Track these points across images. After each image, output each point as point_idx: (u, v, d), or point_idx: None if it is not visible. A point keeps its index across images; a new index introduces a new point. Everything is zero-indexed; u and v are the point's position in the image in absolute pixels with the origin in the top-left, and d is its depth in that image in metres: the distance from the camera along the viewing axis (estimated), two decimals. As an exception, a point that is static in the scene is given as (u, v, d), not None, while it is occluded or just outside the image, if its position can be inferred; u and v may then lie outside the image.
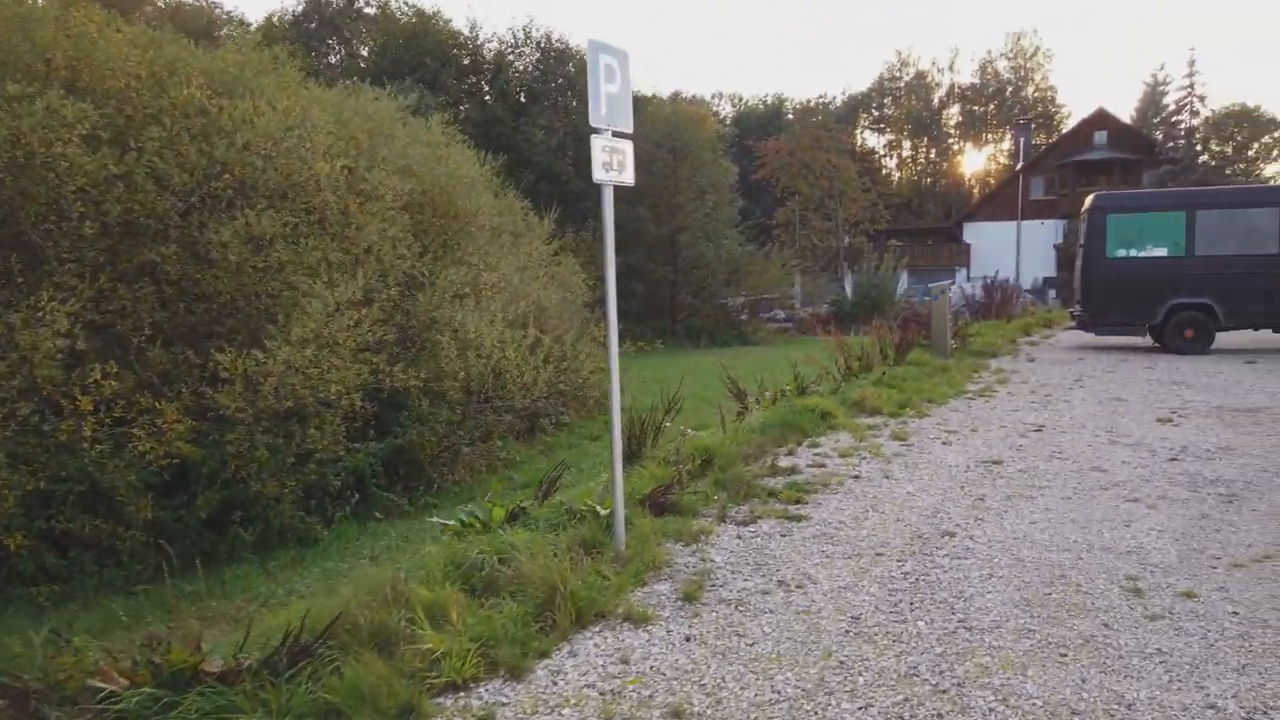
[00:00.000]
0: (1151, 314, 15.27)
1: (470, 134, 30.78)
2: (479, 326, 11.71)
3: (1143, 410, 9.58)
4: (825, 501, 6.19)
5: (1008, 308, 23.09)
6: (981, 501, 6.09)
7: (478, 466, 12.29)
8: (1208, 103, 42.93)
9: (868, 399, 9.96)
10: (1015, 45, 59.62)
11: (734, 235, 32.88)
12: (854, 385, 11.27)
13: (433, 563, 4.78)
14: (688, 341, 31.06)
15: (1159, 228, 15.24)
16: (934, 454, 7.61)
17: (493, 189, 20.90)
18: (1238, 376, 12.07)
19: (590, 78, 4.74)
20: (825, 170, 38.06)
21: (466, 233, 15.42)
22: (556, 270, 19.11)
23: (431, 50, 31.46)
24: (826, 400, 9.84)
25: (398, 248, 12.78)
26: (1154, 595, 4.37)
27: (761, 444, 7.94)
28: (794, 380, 10.84)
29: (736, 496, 6.25)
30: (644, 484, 6.32)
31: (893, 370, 12.28)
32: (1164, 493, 6.19)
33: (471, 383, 11.84)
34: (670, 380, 21.92)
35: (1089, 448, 7.73)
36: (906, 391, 10.78)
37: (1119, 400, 10.30)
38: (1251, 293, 14.74)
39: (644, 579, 4.73)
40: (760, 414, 9.16)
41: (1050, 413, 9.59)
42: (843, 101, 58.54)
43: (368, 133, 14.37)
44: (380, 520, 10.27)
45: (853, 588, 4.57)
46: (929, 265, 43.41)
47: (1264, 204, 14.90)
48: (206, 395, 9.24)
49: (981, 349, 15.83)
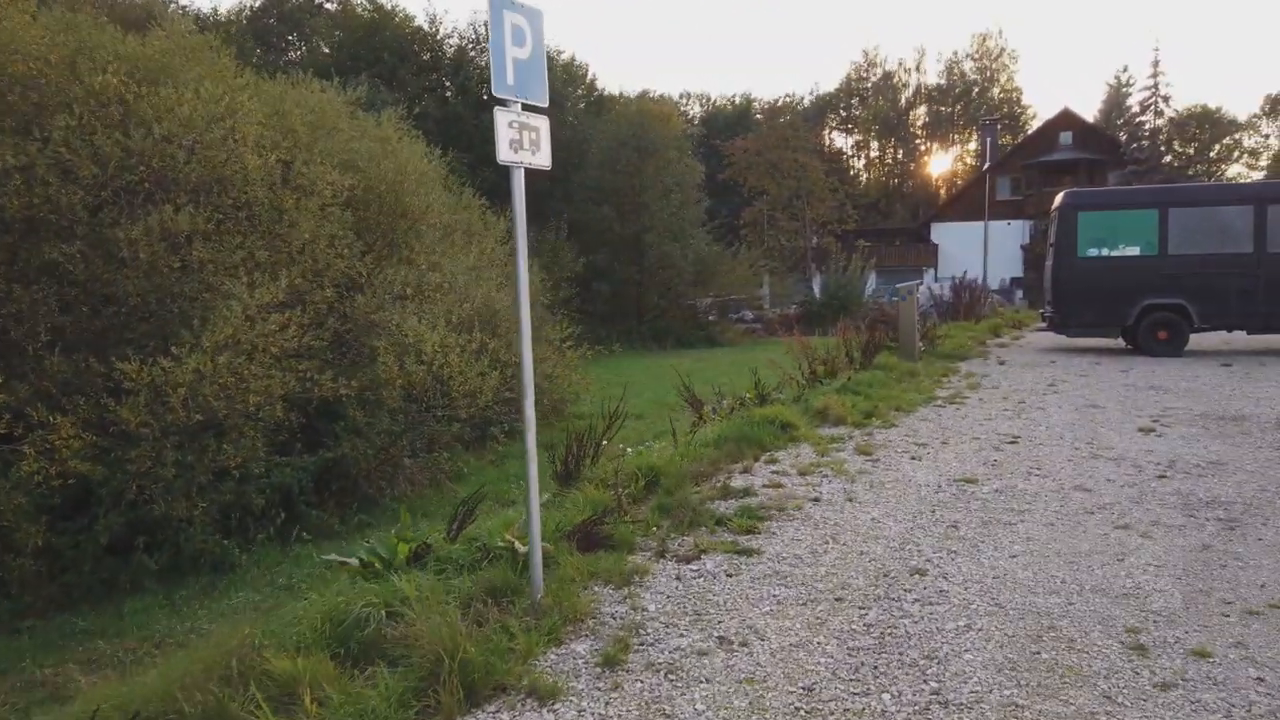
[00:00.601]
0: (1124, 315, 14.72)
1: (430, 131, 29.91)
2: (419, 330, 10.87)
3: (1122, 419, 8.94)
4: (780, 530, 5.44)
5: (976, 308, 22.55)
6: (955, 530, 5.37)
7: (420, 480, 11.46)
8: (1171, 103, 42.90)
9: (831, 408, 9.24)
10: (981, 46, 59.55)
11: (701, 235, 32.18)
12: (818, 392, 10.56)
13: (307, 618, 3.98)
14: (654, 343, 30.31)
15: (1131, 226, 14.70)
16: (902, 471, 6.89)
17: (448, 186, 20.09)
18: (1216, 380, 11.50)
19: (493, 40, 3.95)
20: (793, 170, 37.45)
21: (415, 231, 14.59)
22: (512, 270, 18.28)
23: (389, 45, 30.46)
24: (788, 409, 9.11)
25: (336, 246, 11.93)
26: (1161, 654, 3.66)
27: (715, 460, 7.19)
28: (754, 387, 10.10)
29: (681, 525, 5.49)
30: (576, 511, 5.55)
31: (859, 375, 11.59)
32: (1157, 517, 5.51)
33: (413, 390, 11.00)
34: (634, 384, 21.09)
35: (1069, 462, 7.05)
36: (873, 399, 10.08)
37: (1096, 407, 9.67)
38: (1226, 293, 14.23)
39: (560, 636, 3.95)
40: (716, 425, 8.41)
41: (1025, 422, 8.92)
42: (811, 102, 58.10)
43: (309, 126, 13.49)
44: (308, 541, 9.42)
45: (806, 645, 3.81)
46: (897, 266, 42.98)
47: (1238, 201, 14.40)
48: (110, 408, 8.35)
49: (951, 351, 15.21)
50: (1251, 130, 54.76)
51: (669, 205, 30.58)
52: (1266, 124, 55.37)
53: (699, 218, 32.42)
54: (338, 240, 11.88)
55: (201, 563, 8.61)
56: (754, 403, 9.84)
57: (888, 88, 58.96)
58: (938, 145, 60.31)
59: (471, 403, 11.18)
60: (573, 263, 27.28)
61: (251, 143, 11.33)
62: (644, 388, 20.26)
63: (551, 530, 5.17)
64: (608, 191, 30.69)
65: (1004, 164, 44.36)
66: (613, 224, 30.22)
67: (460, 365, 11.24)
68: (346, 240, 12.36)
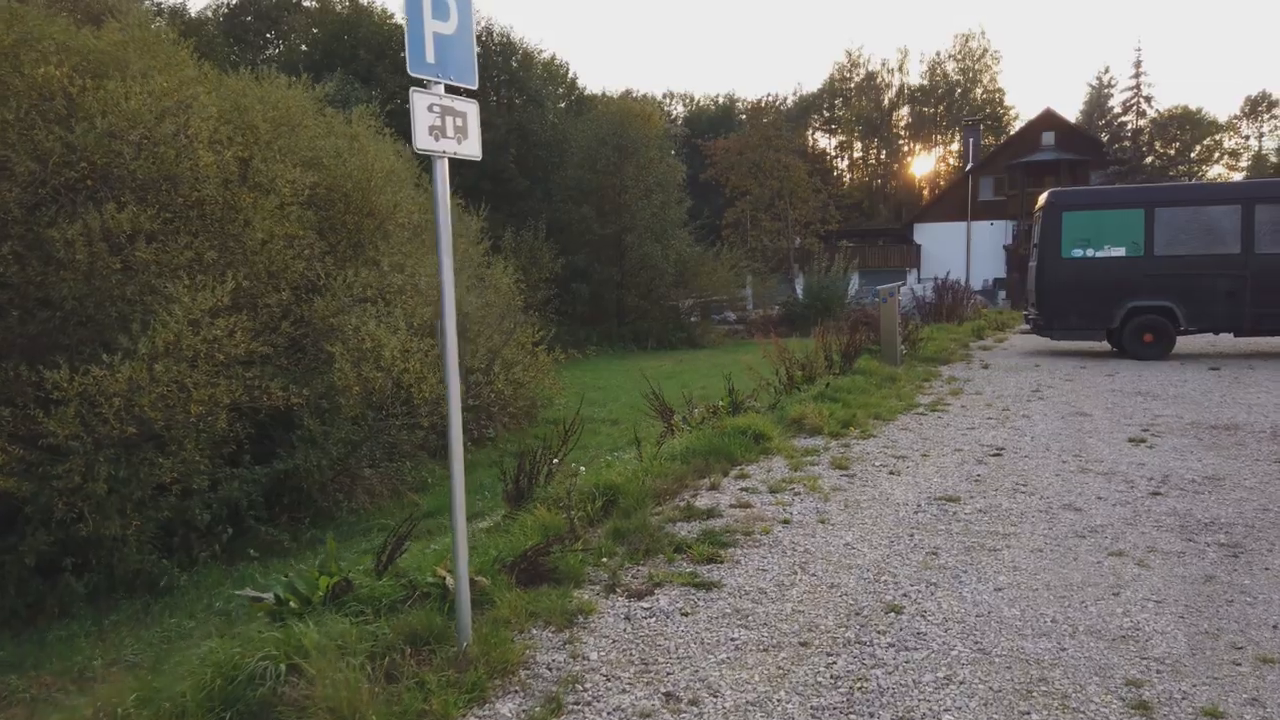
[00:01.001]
0: (1109, 317, 14.34)
1: (408, 129, 29.33)
2: (377, 334, 10.33)
3: (1111, 428, 8.51)
4: (745, 558, 4.95)
5: (959, 310, 22.19)
6: (935, 557, 4.90)
7: (381, 491, 10.92)
8: (1154, 103, 42.74)
9: (808, 417, 8.77)
10: (963, 47, 59.36)
11: (682, 235, 31.70)
12: (794, 399, 10.09)
13: (194, 674, 3.46)
14: (634, 344, 29.82)
15: (1116, 226, 14.31)
16: (879, 488, 6.42)
17: (421, 185, 19.53)
18: (1205, 386, 11.11)
19: (409, 11, 3.44)
20: (775, 170, 37.00)
21: (382, 231, 14.05)
22: (485, 272, 17.76)
23: (365, 42, 29.82)
24: (761, 419, 8.64)
25: (295, 246, 11.41)
26: (1167, 713, 3.19)
27: (680, 476, 6.70)
28: (727, 395, 9.62)
29: (637, 553, 4.99)
30: (524, 537, 5.05)
31: (838, 381, 11.13)
32: (1153, 542, 5.06)
33: (372, 397, 10.48)
34: (611, 387, 20.61)
35: (1057, 477, 6.60)
36: (851, 407, 9.62)
37: (1083, 415, 9.24)
38: (1213, 294, 13.86)
39: (486, 692, 3.45)
40: (685, 436, 7.92)
41: (1009, 431, 8.48)
42: (794, 102, 57.74)
43: (271, 122, 12.93)
44: (255, 559, 8.88)
45: (765, 703, 3.33)
46: (880, 266, 42.64)
47: (1225, 201, 14.03)
48: (38, 419, 7.79)
49: (933, 355, 14.78)
50: (1231, 131, 54.83)
51: (650, 205, 30.09)
52: (1246, 125, 55.50)
53: (680, 218, 31.94)
54: (297, 240, 11.36)
55: (137, 584, 8.06)
56: (727, 411, 9.36)
57: (871, 88, 58.67)
58: (921, 146, 60.11)
59: (434, 410, 10.66)
60: (551, 263, 26.75)
61: (206, 138, 10.80)
62: (621, 391, 19.79)
63: (491, 561, 4.67)
64: (588, 191, 30.17)
65: (987, 164, 44.10)
66: (593, 224, 29.71)
67: (422, 371, 10.73)
68: (307, 240, 11.84)
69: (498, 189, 29.94)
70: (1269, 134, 54.80)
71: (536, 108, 31.83)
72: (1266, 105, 54.69)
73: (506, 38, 32.03)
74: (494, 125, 29.63)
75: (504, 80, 32.06)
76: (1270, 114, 54.71)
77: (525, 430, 15.06)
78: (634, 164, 30.13)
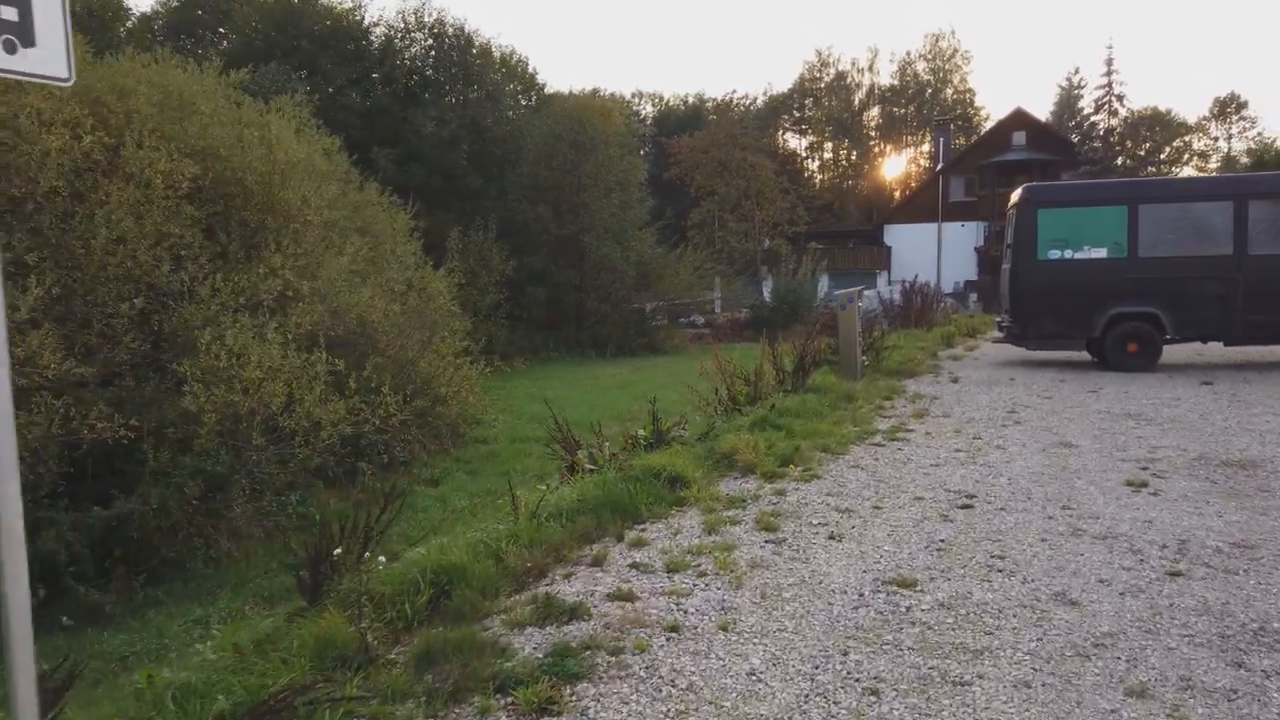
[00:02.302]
0: (1089, 325, 12.86)
1: (353, 124, 27.49)
2: (246, 348, 8.66)
3: (1102, 464, 6.97)
4: (598, 704, 3.33)
5: (928, 315, 20.72)
6: (875, 699, 3.30)
7: (251, 533, 9.21)
8: (1126, 102, 41.65)
9: (741, 451, 7.16)
10: (934, 46, 58.16)
11: (644, 236, 30.08)
12: (732, 424, 8.50)
13: None
14: (593, 350, 28.15)
15: (1097, 224, 12.85)
16: (812, 564, 4.82)
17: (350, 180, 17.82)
18: (1202, 406, 9.63)
19: None
20: (741, 169, 35.44)
21: (289, 230, 12.35)
22: (414, 275, 16.04)
23: (309, 33, 27.96)
24: (685, 455, 7.05)
25: (164, 246, 9.76)
26: None
27: (559, 544, 5.08)
28: (649, 424, 8.00)
29: (439, 695, 3.35)
30: (290, 664, 3.41)
31: (786, 400, 9.56)
32: (1187, 670, 3.48)
33: (238, 424, 8.80)
34: (559, 399, 18.89)
35: (1043, 543, 5.03)
36: (796, 436, 8.03)
37: (1067, 446, 7.70)
38: (1203, 300, 12.42)
39: None
40: (584, 481, 6.30)
41: (981, 470, 6.91)
42: (764, 102, 56.31)
43: (157, 106, 11.24)
44: (69, 628, 7.17)
45: None
46: (849, 268, 41.24)
47: (1216, 197, 12.59)
48: None
49: (898, 367, 13.24)
50: (1201, 133, 54.05)
51: (609, 205, 28.46)
52: (1215, 127, 54.71)
53: (641, 218, 30.33)
54: (169, 239, 9.73)
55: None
56: (647, 442, 7.75)
57: (841, 88, 57.32)
58: (891, 147, 58.84)
59: (310, 438, 8.97)
60: (502, 265, 25.03)
61: (55, 120, 9.11)
62: (568, 403, 18.12)
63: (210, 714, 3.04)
64: (544, 189, 28.47)
65: (957, 164, 42.82)
66: (549, 224, 28.00)
67: (297, 392, 9.06)
68: (185, 239, 10.19)
69: (450, 187, 28.22)
70: (1238, 135, 54.06)
71: (493, 103, 30.08)
72: (1235, 107, 53.91)
73: (461, 30, 30.28)
74: (445, 121, 27.87)
75: (458, 75, 30.30)
76: (1239, 115, 53.94)
77: (450, 451, 13.41)
78: (592, 161, 28.47)
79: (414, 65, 29.68)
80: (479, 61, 30.35)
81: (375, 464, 11.69)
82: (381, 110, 27.89)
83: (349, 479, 11.24)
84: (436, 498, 10.65)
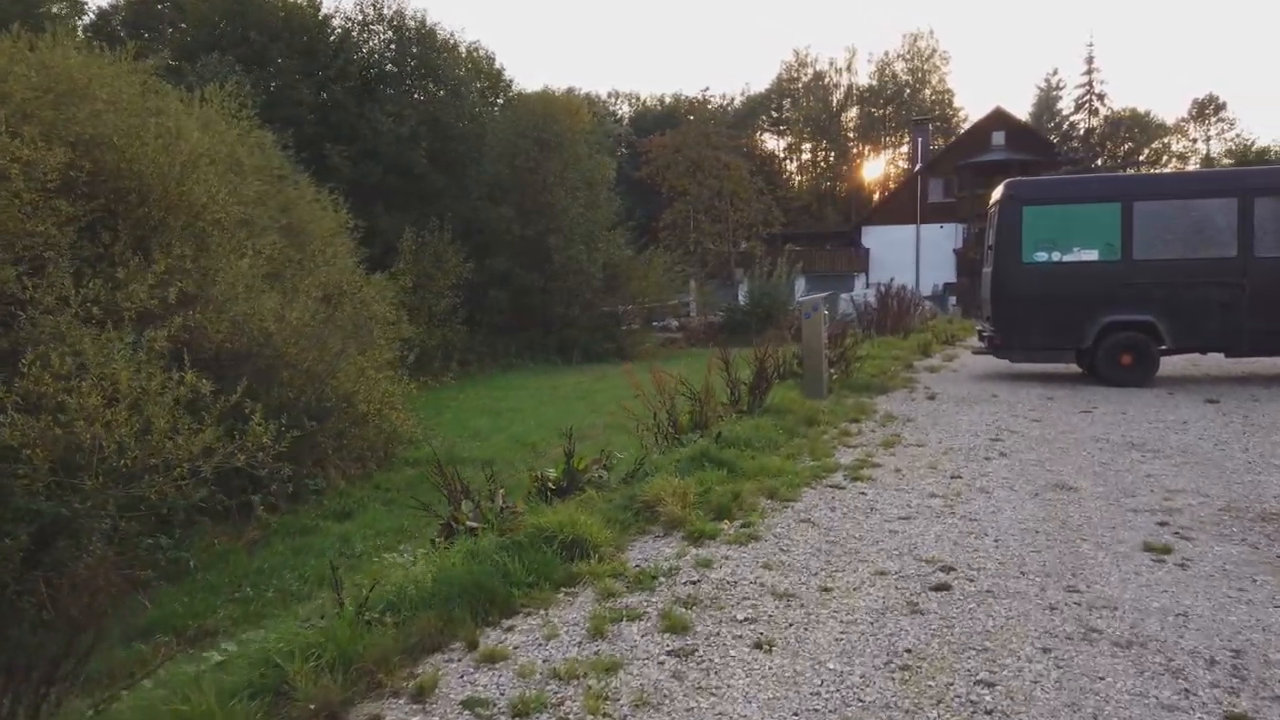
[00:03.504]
0: (1080, 335, 11.50)
1: (305, 119, 25.87)
2: (77, 369, 7.14)
3: (1110, 516, 5.57)
4: None
5: (904, 320, 19.35)
6: None
7: (105, 587, 7.65)
8: (1107, 101, 40.55)
9: (666, 501, 5.70)
10: (912, 47, 57.00)
11: (613, 238, 28.61)
12: (670, 458, 7.07)
13: None
14: (559, 356, 26.67)
15: (1088, 224, 11.49)
16: (723, 703, 3.35)
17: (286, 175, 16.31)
18: (1213, 431, 8.26)
19: None
20: (714, 169, 34.02)
21: (192, 230, 10.90)
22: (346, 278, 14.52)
23: (258, 24, 26.30)
24: (596, 507, 5.60)
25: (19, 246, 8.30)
26: None
27: (384, 656, 3.61)
28: (560, 464, 6.53)
29: None
30: None
31: (736, 426, 8.12)
32: None
33: (77, 457, 7.28)
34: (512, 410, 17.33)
35: (1046, 659, 3.60)
36: (740, 475, 6.60)
37: (1065, 489, 6.30)
38: (1205, 307, 11.08)
39: None
40: (452, 551, 4.83)
41: (962, 525, 5.49)
42: (742, 102, 54.97)
43: (38, 89, 9.75)
44: None
45: None
46: (827, 270, 39.99)
47: (1219, 193, 11.25)
48: None
49: (868, 381, 11.84)
50: (1180, 134, 53.14)
51: (575, 204, 26.97)
52: (1194, 128, 53.80)
53: (610, 219, 28.87)
54: (28, 237, 8.27)
55: None
56: (557, 486, 6.29)
57: (819, 88, 56.03)
58: (870, 148, 57.63)
59: (162, 476, 7.44)
60: (459, 267, 23.48)
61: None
62: (519, 416, 16.69)
63: None
64: (507, 189, 26.97)
65: (936, 165, 41.59)
66: (513, 225, 26.47)
67: (156, 419, 7.54)
68: (51, 239, 8.72)
69: (409, 186, 26.66)
70: (1216, 137, 53.15)
71: (456, 99, 28.49)
72: (1214, 108, 52.99)
73: (423, 23, 28.68)
74: (403, 116, 26.30)
75: (420, 70, 28.71)
76: (1217, 117, 53.02)
77: (370, 477, 11.90)
78: (558, 160, 26.98)
79: (372, 59, 28.09)
80: (442, 56, 28.78)
81: (280, 495, 10.20)
82: (336, 105, 26.28)
83: (241, 514, 9.74)
84: (340, 536, 9.18)
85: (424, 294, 22.65)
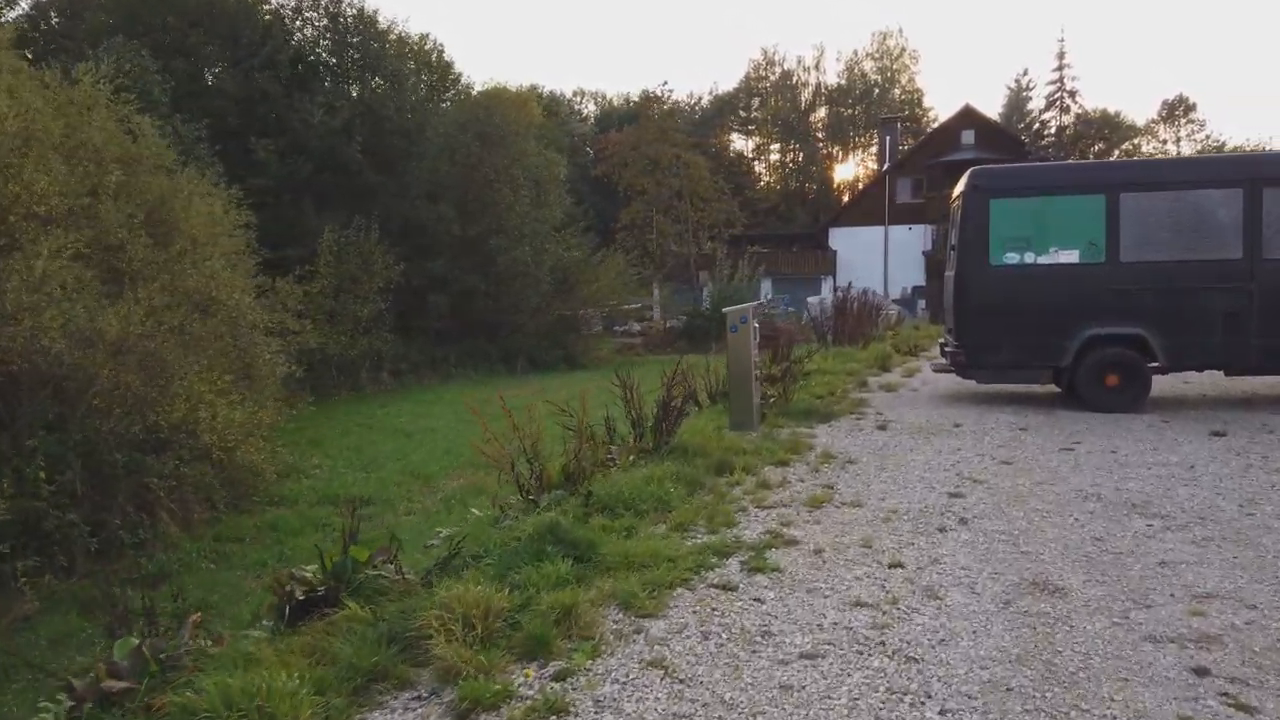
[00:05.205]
0: (1057, 351, 9.58)
1: (228, 110, 23.60)
2: None
3: (1119, 654, 3.59)
4: None
5: (864, 328, 17.42)
6: None
7: None
8: (1078, 99, 38.97)
9: (437, 635, 3.65)
10: (881, 45, 55.30)
11: (564, 239, 26.55)
12: (507, 537, 5.04)
13: None
14: (503, 364, 24.58)
15: (1067, 219, 9.57)
16: None
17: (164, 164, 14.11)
18: (1233, 482, 6.33)
19: None
20: (673, 167, 32.01)
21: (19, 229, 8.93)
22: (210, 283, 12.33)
23: (178, 8, 24.02)
24: (324, 653, 3.56)
25: None
26: None
27: None
28: (330, 557, 4.47)
29: None
30: None
31: (621, 479, 6.12)
32: None
33: None
34: (428, 430, 15.09)
35: None
36: (593, 567, 4.57)
37: (1048, 592, 4.31)
38: (1205, 317, 9.19)
39: None
40: None
41: (892, 671, 3.48)
42: (710, 102, 53.05)
43: None
44: None
45: None
46: (793, 273, 38.12)
47: (1221, 183, 9.34)
48: None
49: (811, 404, 9.88)
50: (1150, 135, 51.85)
51: (520, 203, 24.88)
52: (1164, 129, 52.50)
53: (560, 219, 26.80)
54: None
55: None
56: (310, 594, 4.24)
57: (787, 87, 54.19)
58: (839, 148, 55.85)
59: None
60: (388, 269, 21.30)
61: None
62: (435, 437, 14.62)
63: None
64: (446, 186, 24.84)
65: (905, 164, 39.82)
66: (453, 224, 24.34)
67: None
68: None
69: (342, 183, 24.44)
70: (1187, 138, 51.85)
71: (396, 90, 26.29)
72: (1184, 109, 51.68)
73: (361, 11, 26.47)
74: (336, 109, 24.10)
75: (359, 60, 26.51)
76: (1187, 118, 51.72)
77: (220, 521, 9.81)
78: (502, 155, 24.89)
79: (304, 48, 25.85)
80: (383, 47, 26.59)
81: (79, 551, 8.10)
82: (261, 95, 24.02)
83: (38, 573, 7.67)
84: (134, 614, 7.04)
85: (347, 299, 20.50)
